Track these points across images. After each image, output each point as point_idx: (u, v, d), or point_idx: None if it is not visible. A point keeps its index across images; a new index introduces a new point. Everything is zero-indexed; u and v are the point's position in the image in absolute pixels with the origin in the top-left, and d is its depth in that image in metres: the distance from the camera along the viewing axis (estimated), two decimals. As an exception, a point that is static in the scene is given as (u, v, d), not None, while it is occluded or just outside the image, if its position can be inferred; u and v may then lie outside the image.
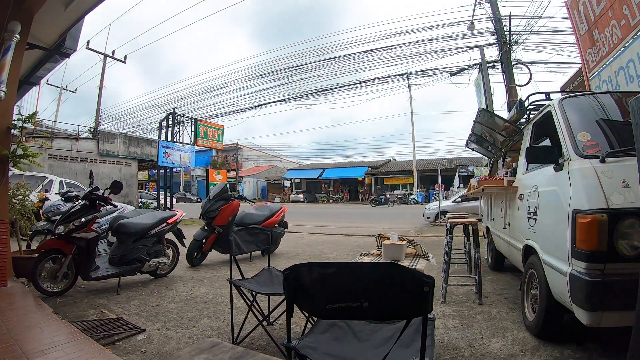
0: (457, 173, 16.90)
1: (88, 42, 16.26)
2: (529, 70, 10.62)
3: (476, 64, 11.96)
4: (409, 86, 24.74)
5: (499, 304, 3.24)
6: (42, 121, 18.01)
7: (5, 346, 2.04)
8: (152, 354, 2.30)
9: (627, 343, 1.38)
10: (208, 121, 15.69)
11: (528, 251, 2.75)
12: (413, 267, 2.12)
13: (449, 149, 47.84)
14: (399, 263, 1.87)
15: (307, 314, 2.06)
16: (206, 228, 5.25)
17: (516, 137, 3.86)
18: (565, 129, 2.39)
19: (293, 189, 37.27)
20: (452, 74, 13.51)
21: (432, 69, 14.96)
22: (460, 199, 11.96)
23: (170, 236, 4.59)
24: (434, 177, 23.02)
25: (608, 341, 2.33)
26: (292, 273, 1.22)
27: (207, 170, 16.76)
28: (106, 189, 3.89)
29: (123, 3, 16.32)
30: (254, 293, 2.38)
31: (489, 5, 10.81)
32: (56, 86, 21.33)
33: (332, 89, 17.54)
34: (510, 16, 10.59)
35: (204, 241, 5.20)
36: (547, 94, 3.46)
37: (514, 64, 10.71)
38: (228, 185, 6.54)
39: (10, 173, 4.00)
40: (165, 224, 4.25)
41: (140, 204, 16.06)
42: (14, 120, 3.99)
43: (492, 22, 10.94)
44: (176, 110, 13.57)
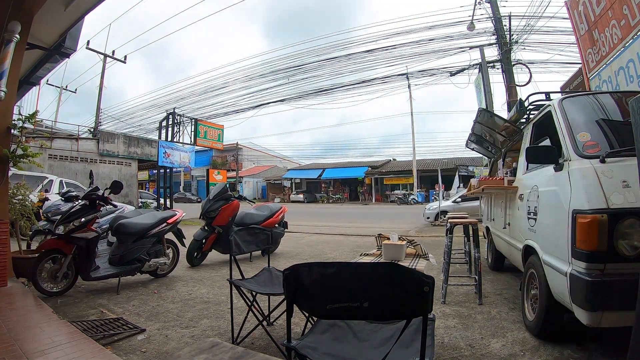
0: (457, 173, 16.89)
1: (88, 42, 16.28)
2: (529, 70, 10.62)
3: (476, 64, 11.96)
4: (409, 86, 24.78)
5: (499, 304, 3.24)
6: (42, 121, 18.01)
7: (5, 346, 2.04)
8: (152, 354, 2.30)
9: (627, 343, 1.38)
10: (208, 121, 15.69)
11: (528, 251, 2.75)
12: (413, 267, 2.12)
13: (449, 149, 47.91)
14: (399, 263, 1.87)
15: (307, 314, 2.06)
16: (206, 228, 5.25)
17: (516, 137, 3.85)
18: (565, 129, 2.39)
19: (293, 189, 37.26)
20: (452, 74, 13.51)
21: (432, 69, 14.99)
22: (460, 199, 11.97)
23: (170, 236, 4.59)
24: (434, 177, 22.98)
25: (608, 341, 2.33)
26: (292, 273, 1.22)
27: (207, 170, 16.74)
28: (106, 189, 3.89)
29: (123, 3, 16.33)
30: (254, 293, 2.38)
31: (489, 5, 10.80)
32: (56, 86, 21.36)
33: (333, 89, 17.56)
34: (510, 16, 10.59)
35: (204, 241, 5.20)
36: (547, 94, 3.46)
37: (514, 64, 10.71)
38: (228, 185, 6.54)
39: (10, 173, 4.00)
40: (165, 224, 4.25)
41: (140, 204, 16.06)
42: (14, 120, 4.00)
43: (492, 22, 10.94)
44: (177, 110, 13.59)
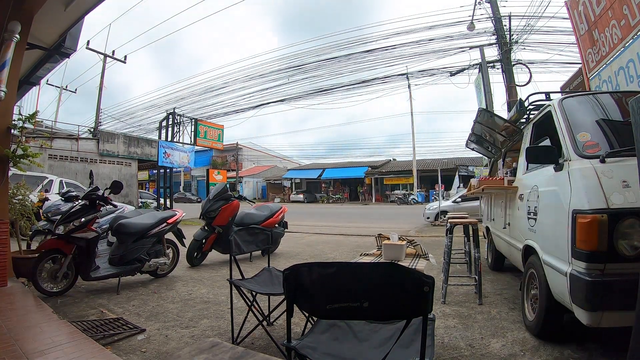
0: (457, 173, 16.91)
1: (88, 42, 16.28)
2: (529, 70, 10.62)
3: (476, 64, 11.96)
4: (409, 86, 24.79)
5: (499, 304, 3.24)
6: (42, 121, 18.01)
7: (5, 346, 2.04)
8: (152, 354, 2.30)
9: (627, 343, 1.38)
10: (208, 121, 15.68)
11: (528, 251, 2.75)
12: (413, 267, 2.12)
13: (449, 149, 47.92)
14: (399, 263, 1.87)
15: (307, 314, 2.06)
16: (206, 228, 5.25)
17: (516, 137, 3.85)
18: (565, 129, 2.39)
19: (293, 189, 37.26)
20: (452, 74, 13.51)
21: (432, 69, 14.99)
22: (460, 199, 11.97)
23: (170, 236, 4.59)
24: (434, 177, 23.01)
25: (608, 341, 2.33)
26: (292, 273, 1.22)
27: (207, 170, 16.73)
28: (106, 189, 3.89)
29: (124, 3, 16.32)
30: (254, 293, 2.38)
31: (489, 5, 10.80)
32: (56, 86, 21.36)
33: (333, 89, 17.56)
34: (510, 16, 10.59)
35: (204, 241, 5.20)
36: (547, 94, 3.46)
37: (514, 64, 10.71)
38: (228, 185, 6.54)
39: (10, 173, 4.00)
40: (165, 224, 4.25)
41: (140, 204, 16.06)
42: (14, 120, 4.00)
43: (492, 22, 10.94)
44: (177, 110, 13.58)
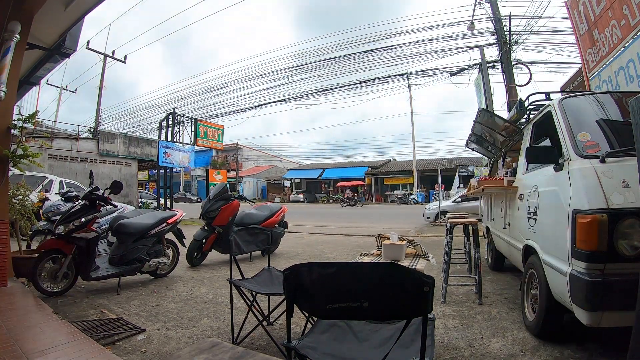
0: (457, 173, 16.91)
1: (88, 42, 16.29)
2: (529, 70, 10.62)
3: (476, 64, 11.96)
4: (409, 86, 24.80)
5: (499, 304, 3.24)
6: (42, 121, 18.00)
7: (5, 346, 2.04)
8: (152, 354, 2.30)
9: (627, 343, 1.38)
10: (208, 121, 15.69)
11: (528, 251, 2.75)
12: (413, 267, 2.12)
13: (449, 149, 47.92)
14: (399, 263, 1.87)
15: (307, 314, 2.06)
16: (206, 228, 5.25)
17: (516, 137, 3.85)
18: (565, 129, 2.39)
19: (293, 189, 37.25)
20: (452, 74, 13.52)
21: (432, 69, 15.00)
22: (460, 199, 11.97)
23: (170, 236, 4.59)
24: (434, 177, 23.00)
25: (608, 341, 2.33)
26: (292, 273, 1.22)
27: (207, 170, 16.74)
28: (106, 189, 3.89)
29: (124, 3, 16.32)
30: (254, 293, 2.38)
31: (489, 5, 10.80)
32: (56, 86, 21.35)
33: (333, 89, 17.57)
34: (510, 16, 10.59)
35: (204, 241, 5.20)
36: (547, 94, 3.46)
37: (514, 64, 10.71)
38: (228, 185, 6.54)
39: (10, 173, 4.00)
40: (165, 224, 4.25)
41: (140, 204, 16.05)
42: (14, 120, 4.00)
43: (492, 22, 10.94)
44: (177, 109, 13.59)
